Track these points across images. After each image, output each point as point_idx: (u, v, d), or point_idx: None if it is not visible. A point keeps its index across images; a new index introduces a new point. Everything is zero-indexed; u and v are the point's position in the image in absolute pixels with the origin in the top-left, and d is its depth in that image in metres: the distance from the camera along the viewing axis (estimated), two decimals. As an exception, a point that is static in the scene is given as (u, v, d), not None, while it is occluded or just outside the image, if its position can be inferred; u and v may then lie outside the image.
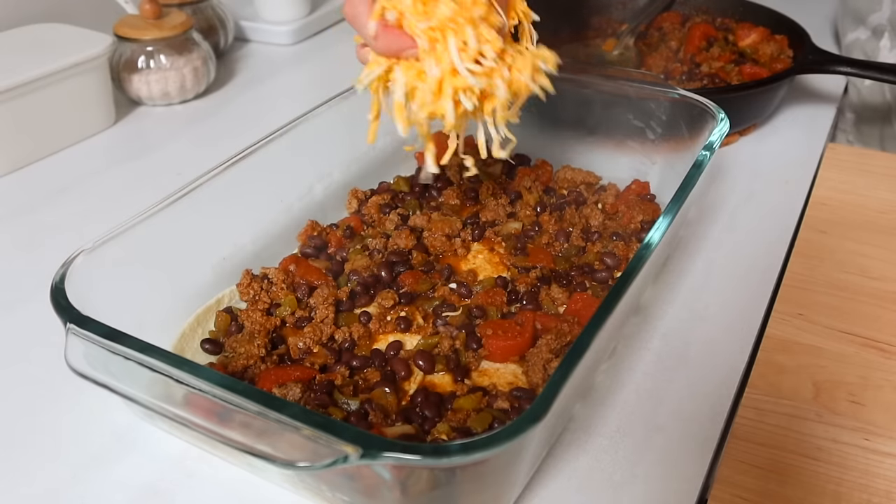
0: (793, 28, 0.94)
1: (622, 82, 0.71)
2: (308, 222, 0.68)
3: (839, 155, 0.84)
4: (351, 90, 0.70)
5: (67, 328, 0.44)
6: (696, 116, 0.66)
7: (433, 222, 0.66)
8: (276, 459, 0.38)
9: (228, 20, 1.08)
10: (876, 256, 0.69)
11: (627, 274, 0.48)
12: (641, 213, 0.67)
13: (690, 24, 1.00)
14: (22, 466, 0.51)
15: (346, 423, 0.47)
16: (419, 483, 0.42)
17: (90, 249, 0.50)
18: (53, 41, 0.86)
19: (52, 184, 0.81)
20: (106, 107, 0.90)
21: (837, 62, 0.85)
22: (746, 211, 0.76)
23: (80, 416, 0.54)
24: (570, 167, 0.74)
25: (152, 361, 0.42)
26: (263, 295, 0.59)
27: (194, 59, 0.95)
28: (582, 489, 0.49)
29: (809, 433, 0.53)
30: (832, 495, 0.49)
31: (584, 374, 0.51)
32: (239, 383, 0.40)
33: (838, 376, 0.57)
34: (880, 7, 0.97)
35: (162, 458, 0.51)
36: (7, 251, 0.72)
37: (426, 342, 0.55)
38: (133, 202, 0.57)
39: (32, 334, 0.61)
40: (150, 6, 0.91)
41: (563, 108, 0.76)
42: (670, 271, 0.68)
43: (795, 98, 0.95)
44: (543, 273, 0.61)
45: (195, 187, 0.58)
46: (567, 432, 0.53)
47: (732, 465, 0.51)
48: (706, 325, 0.62)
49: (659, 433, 0.53)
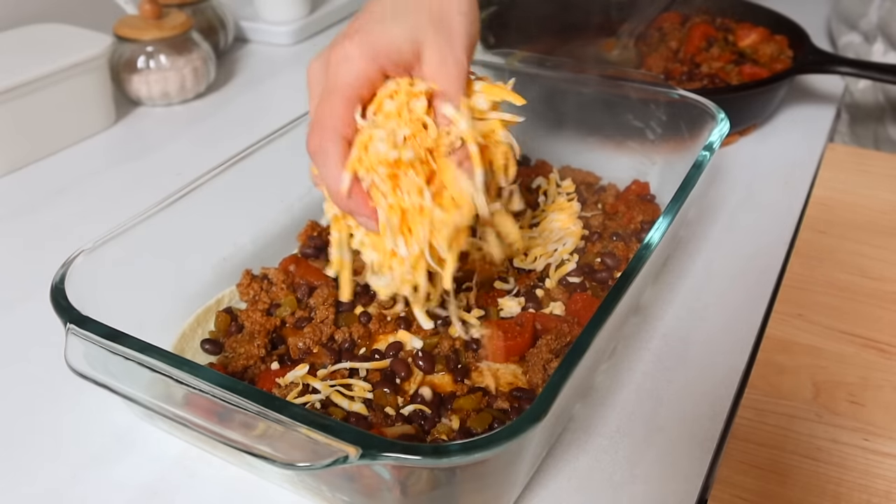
0: (793, 28, 0.94)
1: (622, 82, 0.71)
2: (308, 222, 0.68)
3: (839, 155, 0.84)
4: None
5: (67, 328, 0.44)
6: (696, 117, 0.66)
7: (433, 222, 0.65)
8: (276, 459, 0.38)
9: (228, 20, 1.08)
10: (876, 256, 0.69)
11: (627, 274, 0.48)
12: (641, 213, 0.67)
13: (690, 24, 1.00)
14: (22, 466, 0.51)
15: (346, 423, 0.47)
16: (419, 483, 0.42)
17: (90, 249, 0.50)
18: (53, 41, 0.86)
19: (51, 184, 0.81)
20: (106, 107, 0.90)
21: (837, 62, 0.85)
22: (746, 211, 0.76)
23: (80, 416, 0.54)
24: (570, 167, 0.74)
25: (152, 361, 0.42)
26: (263, 295, 0.59)
27: (194, 60, 0.95)
28: (582, 489, 0.49)
29: (809, 433, 0.53)
30: (832, 495, 0.49)
31: (584, 374, 0.51)
32: (239, 383, 0.41)
33: (838, 376, 0.57)
34: (867, 13, 0.97)
35: (162, 458, 0.51)
36: (7, 251, 0.72)
37: (426, 342, 0.55)
38: (133, 202, 0.57)
39: (32, 334, 0.61)
40: (150, 6, 0.91)
41: (563, 108, 0.76)
42: (670, 271, 0.68)
43: (795, 98, 0.95)
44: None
45: (195, 187, 0.58)
46: (567, 432, 0.53)
47: (732, 465, 0.51)
48: (706, 325, 0.62)
49: (659, 433, 0.53)
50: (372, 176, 0.46)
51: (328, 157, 0.46)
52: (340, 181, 0.46)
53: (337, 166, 0.46)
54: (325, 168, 0.46)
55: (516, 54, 0.74)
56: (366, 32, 0.46)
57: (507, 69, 0.76)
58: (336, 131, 0.45)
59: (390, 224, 0.46)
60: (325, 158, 0.46)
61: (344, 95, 0.45)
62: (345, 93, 0.45)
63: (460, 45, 0.47)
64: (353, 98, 0.46)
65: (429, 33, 0.46)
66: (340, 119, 0.45)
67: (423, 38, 0.46)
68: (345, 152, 0.46)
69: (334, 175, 0.46)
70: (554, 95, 0.76)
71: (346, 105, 0.46)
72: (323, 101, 0.46)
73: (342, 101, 0.45)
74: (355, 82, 0.45)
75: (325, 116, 0.46)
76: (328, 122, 0.46)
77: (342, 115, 0.46)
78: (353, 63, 0.45)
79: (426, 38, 0.46)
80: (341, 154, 0.46)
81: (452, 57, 0.46)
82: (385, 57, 0.46)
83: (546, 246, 0.62)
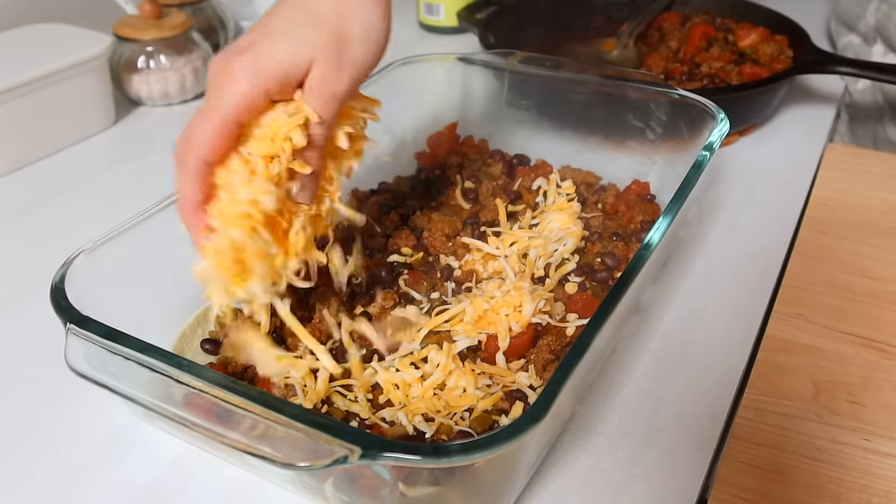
0: (793, 28, 0.94)
1: (622, 82, 0.71)
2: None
3: (839, 155, 0.84)
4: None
5: (67, 328, 0.44)
6: (696, 116, 0.66)
7: (433, 222, 0.66)
8: (275, 459, 0.38)
9: (228, 20, 1.08)
10: (876, 256, 0.69)
11: (627, 274, 0.48)
12: (641, 213, 0.67)
13: (690, 24, 1.00)
14: (22, 466, 0.51)
15: (346, 423, 0.47)
16: (419, 483, 0.42)
17: (90, 249, 0.50)
18: (53, 41, 0.86)
19: (51, 184, 0.81)
20: (106, 107, 0.90)
21: (837, 62, 0.85)
22: (746, 211, 0.76)
23: (80, 416, 0.54)
24: (570, 167, 0.74)
25: (152, 361, 0.42)
26: (263, 295, 0.59)
27: (194, 60, 0.95)
28: (582, 489, 0.49)
29: (809, 433, 0.53)
30: (832, 495, 0.49)
31: (584, 374, 0.51)
32: (239, 383, 0.41)
33: (838, 376, 0.57)
34: (865, 15, 0.97)
35: (162, 458, 0.51)
36: (7, 251, 0.72)
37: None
38: (133, 202, 0.57)
39: (32, 334, 0.61)
40: (150, 6, 0.91)
41: (563, 108, 0.77)
42: (670, 271, 0.68)
43: (795, 98, 0.95)
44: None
45: (195, 187, 0.57)
46: (567, 432, 0.53)
47: (732, 465, 0.51)
48: (706, 325, 0.62)
49: (659, 433, 0.53)
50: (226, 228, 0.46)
51: (187, 171, 0.46)
52: (193, 196, 0.46)
53: (193, 182, 0.46)
54: (182, 178, 0.46)
55: (516, 54, 0.74)
56: (254, 54, 0.45)
57: (507, 69, 0.76)
58: (201, 151, 0.45)
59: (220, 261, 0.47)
60: (185, 171, 0.46)
61: (222, 118, 0.45)
62: (223, 115, 0.45)
63: (347, 72, 0.47)
64: (230, 122, 0.45)
65: (321, 52, 0.46)
66: (208, 142, 0.45)
67: (315, 56, 0.46)
68: (204, 172, 0.46)
69: (188, 189, 0.46)
70: (554, 95, 0.76)
71: (220, 128, 0.45)
72: (200, 117, 0.45)
73: (217, 124, 0.45)
74: (235, 108, 0.45)
75: (196, 133, 0.45)
76: (196, 139, 0.45)
77: (211, 139, 0.45)
78: (236, 87, 0.44)
79: (318, 56, 0.46)
80: (199, 172, 0.46)
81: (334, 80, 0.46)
82: (271, 80, 0.45)
83: (546, 246, 0.62)
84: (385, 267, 0.62)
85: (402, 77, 0.75)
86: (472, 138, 0.78)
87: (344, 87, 0.47)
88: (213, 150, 0.45)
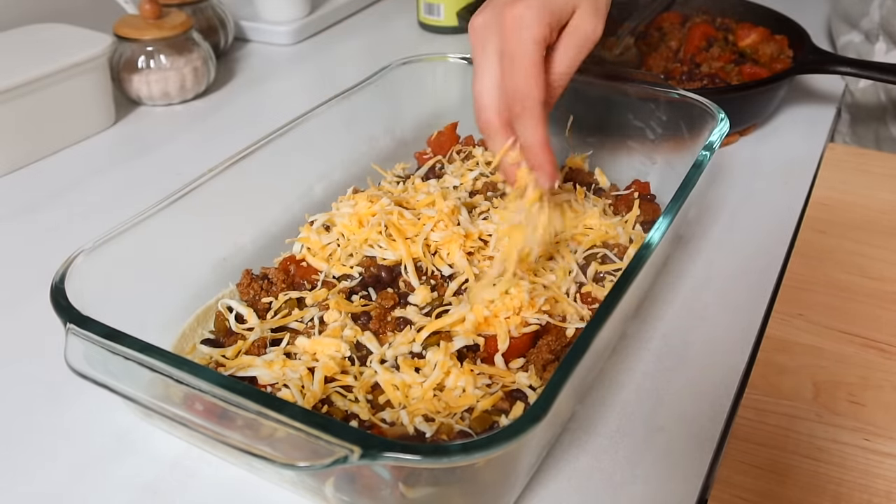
0: (793, 28, 0.94)
1: (622, 82, 0.71)
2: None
3: (839, 155, 0.84)
4: (351, 90, 0.70)
5: (67, 328, 0.44)
6: (696, 116, 0.66)
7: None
8: (275, 459, 0.38)
9: (228, 20, 1.08)
10: (876, 256, 0.69)
11: (627, 274, 0.48)
12: (641, 213, 0.67)
13: (690, 24, 1.00)
14: (21, 466, 0.51)
15: (346, 423, 0.47)
16: (419, 483, 0.42)
17: (90, 249, 0.50)
18: (53, 41, 0.86)
19: (52, 184, 0.81)
20: (106, 107, 0.90)
21: (837, 62, 0.85)
22: (746, 211, 0.76)
23: (80, 416, 0.54)
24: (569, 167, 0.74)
25: (152, 361, 0.42)
26: (263, 295, 0.59)
27: (194, 59, 0.95)
28: (582, 489, 0.49)
29: (809, 433, 0.53)
30: (832, 495, 0.49)
31: (584, 374, 0.51)
32: (239, 383, 0.41)
33: (838, 376, 0.57)
34: (869, 12, 0.97)
35: (162, 458, 0.51)
36: (7, 251, 0.72)
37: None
38: (133, 202, 0.57)
39: (32, 334, 0.61)
40: (150, 6, 0.91)
41: (563, 108, 0.76)
42: (670, 271, 0.68)
43: (795, 98, 0.95)
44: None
45: (195, 187, 0.57)
46: (567, 432, 0.53)
47: (732, 465, 0.51)
48: (706, 325, 0.62)
49: (659, 433, 0.53)
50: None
51: (533, 117, 0.51)
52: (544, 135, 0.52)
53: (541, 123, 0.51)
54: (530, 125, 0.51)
55: (516, 54, 0.74)
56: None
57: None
58: (536, 95, 0.50)
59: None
60: (529, 118, 0.51)
61: (532, 62, 0.50)
62: (532, 58, 0.50)
63: (601, 19, 0.53)
64: (540, 62, 0.50)
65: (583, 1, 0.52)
66: (538, 83, 0.50)
67: (578, 3, 0.52)
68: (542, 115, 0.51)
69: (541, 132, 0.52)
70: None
71: (538, 71, 0.50)
72: (515, 72, 0.50)
73: (533, 68, 0.50)
74: (537, 48, 0.50)
75: (518, 84, 0.50)
76: (521, 89, 0.50)
77: (536, 79, 0.50)
78: (532, 29, 0.49)
79: (581, 2, 0.52)
80: (541, 115, 0.51)
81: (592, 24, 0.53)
82: (554, 17, 0.51)
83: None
84: (385, 267, 0.61)
85: (402, 77, 0.75)
86: (472, 138, 0.78)
87: (598, 32, 0.53)
88: (543, 89, 0.50)
